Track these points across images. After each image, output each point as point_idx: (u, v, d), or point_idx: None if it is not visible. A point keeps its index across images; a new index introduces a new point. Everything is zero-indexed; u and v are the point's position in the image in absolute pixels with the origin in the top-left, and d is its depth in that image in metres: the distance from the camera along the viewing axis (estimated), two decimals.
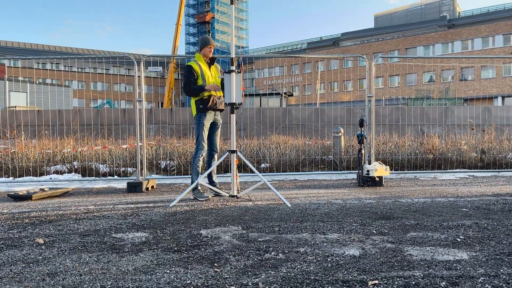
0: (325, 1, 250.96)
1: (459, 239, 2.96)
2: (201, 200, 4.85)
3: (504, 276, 2.20)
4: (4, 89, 29.58)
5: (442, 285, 2.07)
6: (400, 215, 3.85)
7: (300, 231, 3.24)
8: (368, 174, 6.02)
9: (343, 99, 43.44)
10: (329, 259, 2.52)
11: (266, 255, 2.62)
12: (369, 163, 6.43)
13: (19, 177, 7.66)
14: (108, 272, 2.32)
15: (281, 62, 51.45)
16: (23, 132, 9.46)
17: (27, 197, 5.12)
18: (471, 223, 3.48)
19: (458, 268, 2.33)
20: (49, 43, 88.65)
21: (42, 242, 2.99)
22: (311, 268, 2.35)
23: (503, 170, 8.23)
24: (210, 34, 67.72)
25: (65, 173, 7.90)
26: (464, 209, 4.14)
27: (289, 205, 4.40)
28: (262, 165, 8.33)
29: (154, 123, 15.42)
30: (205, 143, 5.11)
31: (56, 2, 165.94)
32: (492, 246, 2.78)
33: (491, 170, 8.25)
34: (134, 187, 5.89)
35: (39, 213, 4.17)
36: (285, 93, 32.24)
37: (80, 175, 7.83)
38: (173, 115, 17.29)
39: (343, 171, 8.23)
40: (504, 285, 2.07)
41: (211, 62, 5.16)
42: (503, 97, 38.34)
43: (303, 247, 2.79)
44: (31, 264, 2.49)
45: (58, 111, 15.55)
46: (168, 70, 42.49)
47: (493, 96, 34.23)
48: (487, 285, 2.07)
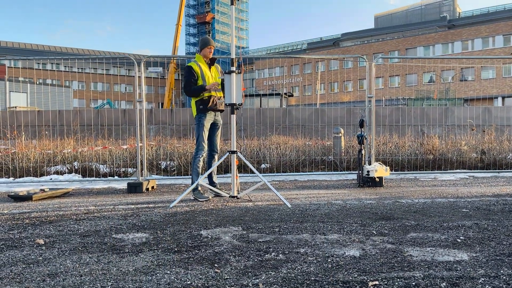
0: (325, 2, 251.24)
1: (459, 240, 2.97)
2: (201, 201, 4.85)
3: (504, 277, 2.20)
4: (5, 90, 29.60)
5: (442, 286, 2.07)
6: (400, 216, 3.85)
7: (300, 232, 3.24)
8: (368, 175, 6.02)
9: (343, 100, 43.43)
10: (329, 260, 2.52)
11: (267, 256, 2.62)
12: (369, 164, 6.43)
13: (20, 178, 7.67)
14: (109, 273, 2.33)
15: (281, 63, 51.48)
16: (24, 133, 9.46)
17: (28, 198, 5.12)
18: (471, 224, 3.48)
19: (458, 269, 2.33)
20: (49, 44, 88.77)
21: (43, 243, 2.99)
22: (311, 269, 2.36)
23: (503, 171, 8.23)
24: (210, 35, 67.79)
25: (66, 174, 7.91)
26: (464, 210, 4.14)
27: (289, 206, 4.41)
28: (262, 166, 8.34)
29: (154, 124, 15.42)
30: (205, 144, 5.11)
31: (56, 2, 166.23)
32: (492, 247, 2.78)
33: (491, 171, 8.25)
34: (135, 188, 5.89)
35: (40, 214, 4.17)
36: (285, 94, 32.26)
37: (81, 176, 7.83)
38: (173, 116, 17.30)
39: (343, 172, 8.23)
40: (504, 286, 2.08)
41: (211, 63, 5.17)
42: (503, 98, 38.37)
43: (303, 248, 2.79)
44: (32, 265, 2.49)
45: (59, 112, 15.56)
46: (169, 71, 42.52)
47: (493, 97, 34.26)
48: (487, 286, 2.07)
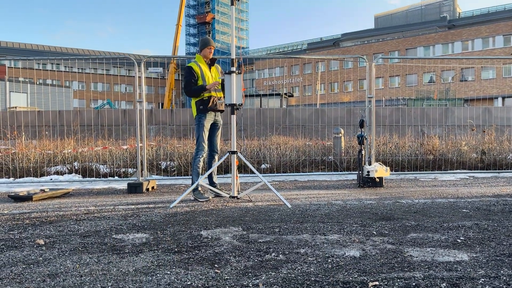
0: (325, 2, 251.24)
1: (460, 240, 2.96)
2: (202, 201, 4.85)
3: (505, 278, 2.20)
4: (5, 90, 29.61)
5: (443, 286, 2.07)
6: (401, 216, 3.85)
7: (301, 232, 3.24)
8: (369, 175, 6.02)
9: (343, 100, 43.42)
10: (330, 260, 2.52)
11: (267, 256, 2.62)
12: (369, 164, 6.43)
13: (20, 178, 7.67)
14: (109, 273, 2.33)
15: (282, 63, 51.47)
16: (24, 133, 9.46)
17: (28, 198, 5.12)
18: (472, 224, 3.48)
19: (459, 269, 2.33)
20: (50, 44, 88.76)
21: (43, 243, 2.99)
22: (312, 269, 2.36)
23: (504, 171, 8.23)
24: (211, 35, 67.82)
25: (66, 174, 7.91)
26: (465, 210, 4.14)
27: (290, 206, 4.41)
28: (263, 166, 8.34)
29: (155, 124, 15.42)
30: (206, 144, 5.11)
31: (57, 3, 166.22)
32: (493, 247, 2.78)
33: (492, 171, 8.25)
34: (135, 188, 5.89)
35: (40, 214, 4.17)
36: (285, 94, 32.24)
37: (81, 176, 7.83)
38: (174, 116, 17.30)
39: (344, 172, 8.23)
40: (505, 287, 2.07)
41: (212, 63, 5.17)
42: (503, 98, 38.39)
43: (304, 248, 2.79)
44: (32, 265, 2.49)
45: (59, 112, 15.56)
46: (169, 71, 42.49)
47: (494, 97, 34.27)
48: (488, 287, 2.07)
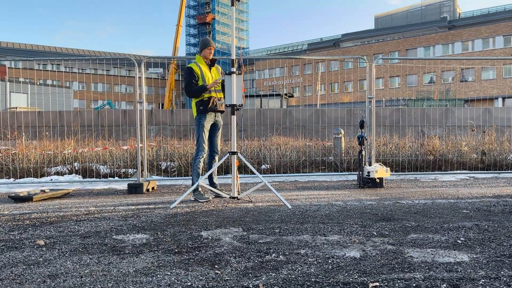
0: (325, 1, 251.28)
1: (460, 241, 2.96)
2: (202, 202, 4.85)
3: (505, 278, 2.19)
4: (5, 90, 29.61)
5: (443, 287, 2.07)
6: (401, 217, 3.85)
7: (301, 233, 3.24)
8: (369, 176, 6.02)
9: (344, 100, 43.40)
10: (330, 261, 2.52)
11: (267, 257, 2.62)
12: (370, 165, 6.43)
13: (20, 178, 7.66)
14: (109, 274, 2.33)
15: (282, 63, 51.46)
16: (24, 133, 9.47)
17: (28, 199, 5.12)
18: (472, 225, 3.48)
19: (459, 270, 2.33)
20: (50, 44, 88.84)
21: (43, 244, 2.99)
22: (312, 270, 2.35)
23: (504, 172, 8.22)
24: (211, 35, 67.82)
25: (66, 174, 7.91)
26: (465, 211, 4.14)
27: (290, 207, 4.40)
28: (263, 166, 8.33)
29: (155, 124, 15.43)
30: (206, 145, 5.11)
31: (57, 3, 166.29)
32: (493, 248, 2.78)
33: (492, 172, 8.25)
34: (135, 188, 5.89)
35: (40, 215, 4.17)
36: (286, 94, 32.25)
37: (81, 176, 7.83)
38: (174, 116, 17.30)
39: (344, 173, 8.23)
40: (505, 287, 2.07)
41: (212, 64, 5.17)
42: (504, 98, 38.36)
43: (304, 249, 2.79)
44: (32, 266, 2.49)
45: (59, 112, 15.58)
46: (169, 71, 42.51)
47: (494, 97, 34.25)
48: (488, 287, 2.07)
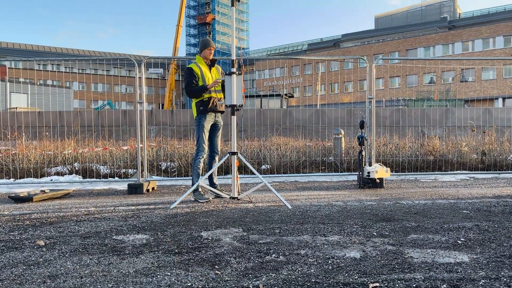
0: (325, 2, 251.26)
1: (460, 242, 2.96)
2: (202, 202, 4.85)
3: (505, 279, 2.19)
4: (5, 91, 29.61)
5: None
6: (401, 217, 3.85)
7: (301, 233, 3.24)
8: (369, 176, 6.02)
9: (344, 101, 43.41)
10: (330, 262, 2.52)
11: (267, 258, 2.61)
12: (370, 165, 6.43)
13: (20, 179, 7.66)
14: (109, 275, 2.32)
15: (282, 64, 51.48)
16: (24, 134, 9.47)
17: (28, 199, 5.12)
18: (472, 225, 3.48)
19: (459, 271, 2.33)
20: (50, 44, 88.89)
21: (43, 244, 2.99)
22: (312, 271, 2.35)
23: (504, 172, 8.22)
24: (211, 36, 67.87)
25: (66, 175, 7.91)
26: (465, 211, 4.14)
27: (290, 207, 4.40)
28: (263, 167, 8.33)
29: (155, 125, 15.43)
30: (206, 145, 5.11)
31: (56, 3, 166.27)
32: (493, 249, 2.78)
33: (492, 172, 8.25)
34: (135, 189, 5.90)
35: (40, 215, 4.18)
36: (286, 94, 32.24)
37: (81, 177, 7.83)
38: (174, 117, 17.30)
39: (344, 173, 8.23)
40: None
41: (212, 64, 5.17)
42: (504, 99, 38.36)
43: (304, 249, 2.78)
44: (32, 266, 2.49)
45: (59, 113, 15.58)
46: (169, 72, 42.51)
47: (494, 98, 34.27)
48: None
